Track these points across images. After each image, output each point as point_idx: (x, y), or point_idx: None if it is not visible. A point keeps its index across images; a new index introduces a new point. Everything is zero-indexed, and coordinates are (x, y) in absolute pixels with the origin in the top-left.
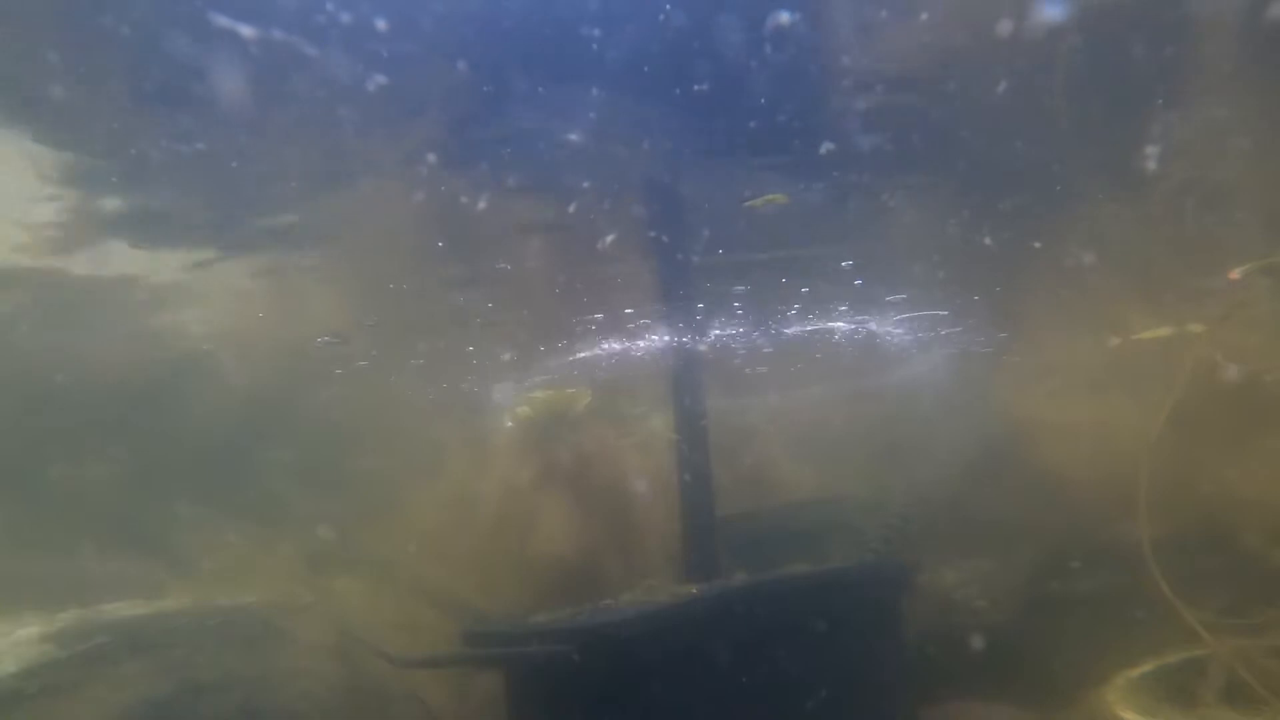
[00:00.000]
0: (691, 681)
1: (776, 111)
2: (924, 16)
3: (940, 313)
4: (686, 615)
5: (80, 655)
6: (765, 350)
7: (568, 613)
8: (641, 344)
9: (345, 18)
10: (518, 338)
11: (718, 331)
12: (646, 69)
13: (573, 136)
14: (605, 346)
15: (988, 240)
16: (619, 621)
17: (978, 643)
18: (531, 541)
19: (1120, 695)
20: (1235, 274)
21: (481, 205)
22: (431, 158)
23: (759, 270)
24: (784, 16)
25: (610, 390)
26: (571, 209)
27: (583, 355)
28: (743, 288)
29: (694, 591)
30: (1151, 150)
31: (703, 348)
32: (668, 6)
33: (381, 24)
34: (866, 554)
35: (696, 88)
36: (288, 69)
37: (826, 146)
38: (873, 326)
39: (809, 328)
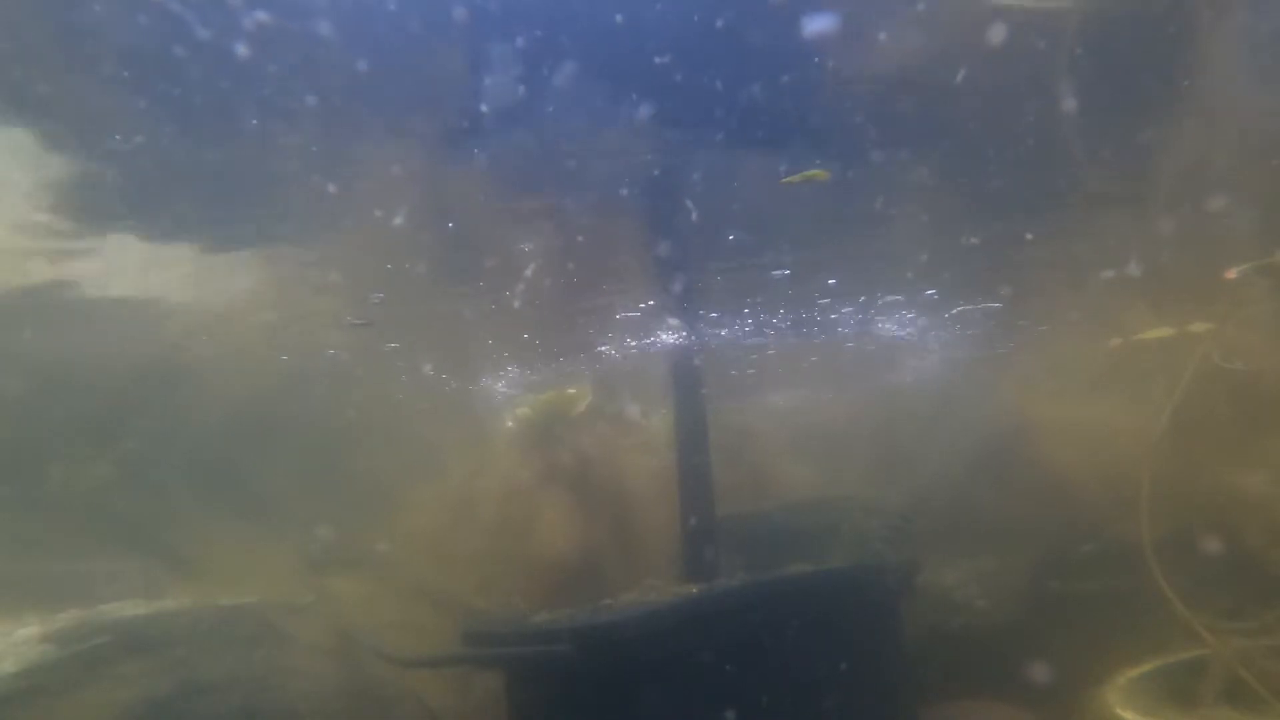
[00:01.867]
0: (691, 682)
1: (794, 105)
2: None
3: (939, 313)
4: (686, 615)
5: (80, 655)
6: (764, 351)
7: (567, 613)
8: (644, 344)
9: (348, 4)
10: (518, 337)
11: (722, 331)
12: (649, 61)
13: (577, 132)
14: (607, 346)
15: (987, 241)
16: (619, 621)
17: (978, 642)
18: (532, 542)
19: (1120, 695)
20: (1232, 274)
21: (483, 201)
22: (435, 152)
23: (760, 270)
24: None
25: (611, 390)
26: (575, 205)
27: (584, 355)
28: (743, 286)
29: (694, 592)
30: (1151, 148)
31: (705, 347)
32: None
33: (382, 12)
34: (867, 554)
35: (704, 80)
36: (288, 57)
37: (827, 144)
38: (872, 327)
39: (811, 328)
